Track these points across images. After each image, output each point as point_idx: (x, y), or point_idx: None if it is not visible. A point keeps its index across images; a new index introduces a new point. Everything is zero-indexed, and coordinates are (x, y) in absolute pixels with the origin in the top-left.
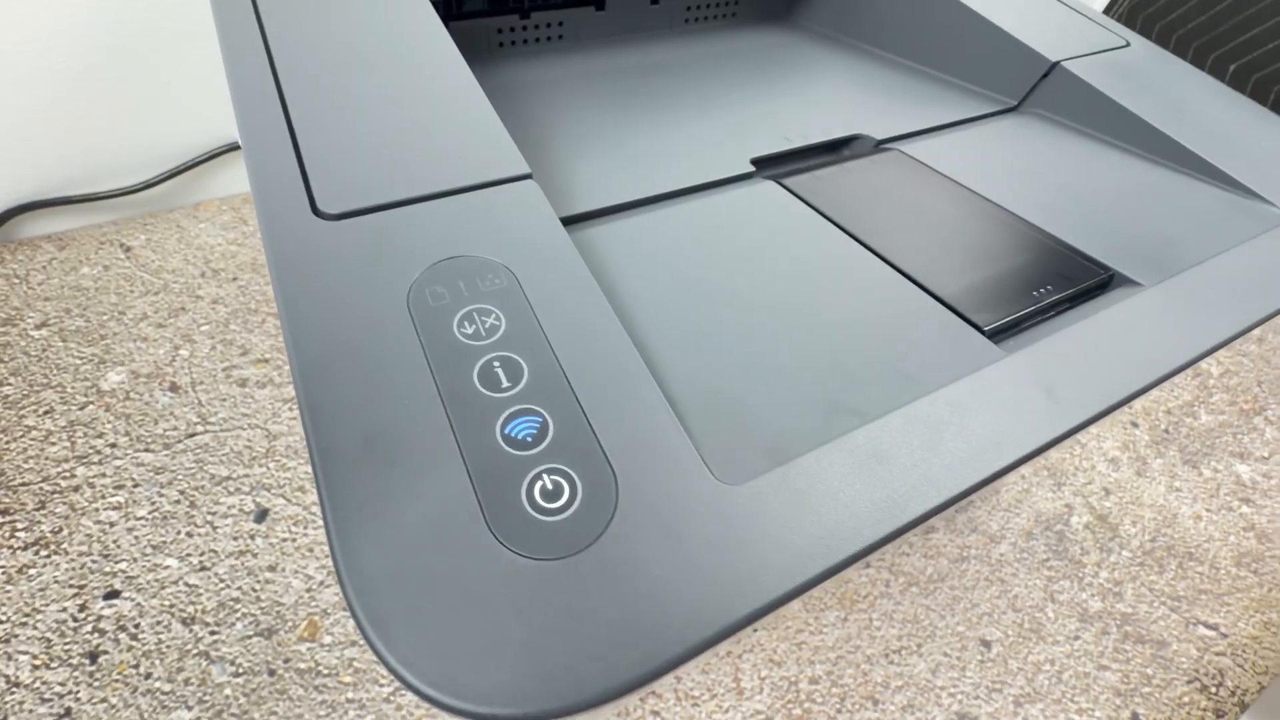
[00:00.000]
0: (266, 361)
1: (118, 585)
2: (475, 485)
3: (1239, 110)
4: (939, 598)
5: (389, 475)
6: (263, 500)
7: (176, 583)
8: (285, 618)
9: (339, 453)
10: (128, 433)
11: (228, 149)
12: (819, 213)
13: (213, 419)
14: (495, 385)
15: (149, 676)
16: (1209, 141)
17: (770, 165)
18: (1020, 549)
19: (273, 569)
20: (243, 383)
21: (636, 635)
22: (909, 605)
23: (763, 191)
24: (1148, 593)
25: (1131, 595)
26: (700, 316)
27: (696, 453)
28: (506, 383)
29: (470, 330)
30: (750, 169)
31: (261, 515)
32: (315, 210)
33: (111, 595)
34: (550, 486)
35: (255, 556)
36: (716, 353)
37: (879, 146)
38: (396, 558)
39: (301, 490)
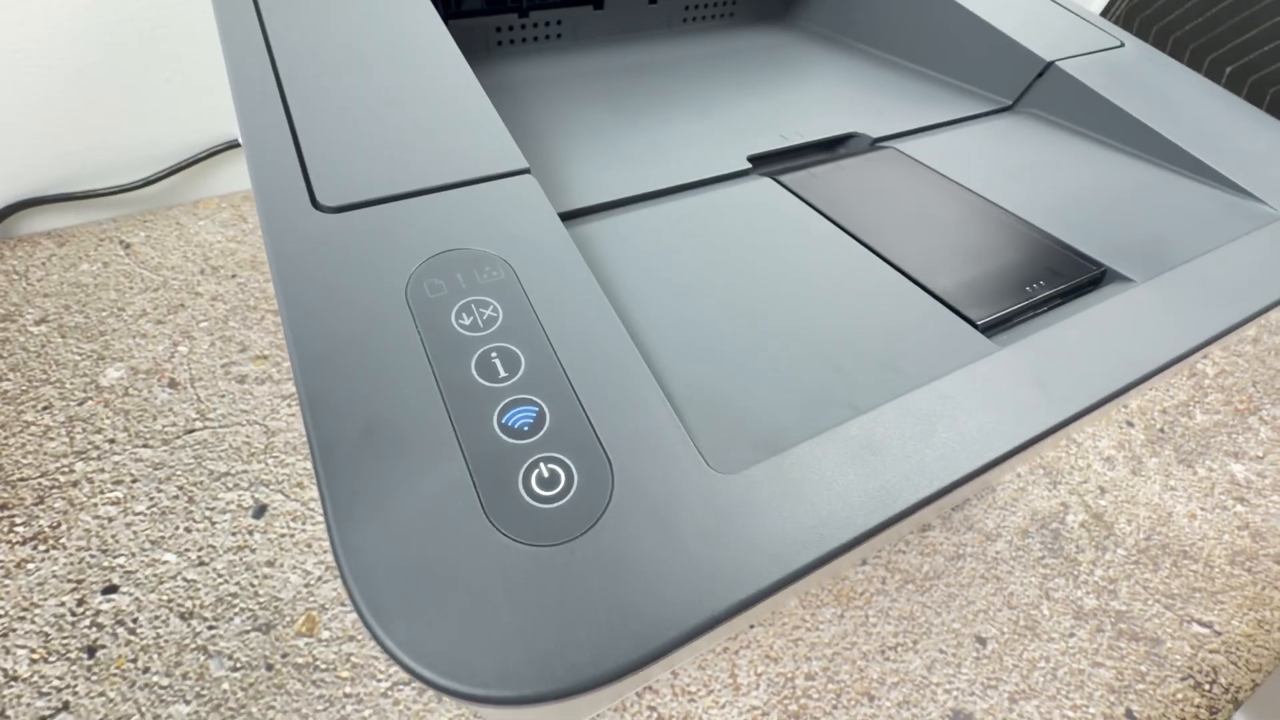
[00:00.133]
0: (265, 358)
1: (116, 580)
2: (473, 473)
3: (1231, 110)
4: (935, 595)
5: (388, 463)
6: (261, 496)
7: (175, 578)
8: (283, 613)
9: (339, 441)
10: (126, 428)
11: (227, 147)
12: (814, 209)
13: (211, 415)
14: (493, 375)
15: (147, 671)
16: (1201, 141)
17: (767, 162)
18: (1016, 547)
19: (271, 564)
20: (241, 379)
21: (630, 621)
22: (905, 602)
23: (759, 188)
24: (1142, 590)
25: (1126, 593)
26: (695, 310)
27: (691, 442)
28: (504, 373)
29: (468, 322)
30: (747, 166)
31: (260, 511)
32: (315, 204)
33: (110, 590)
34: (547, 475)
35: (253, 552)
36: (711, 345)
37: (875, 144)
38: (395, 543)
39: (300, 486)
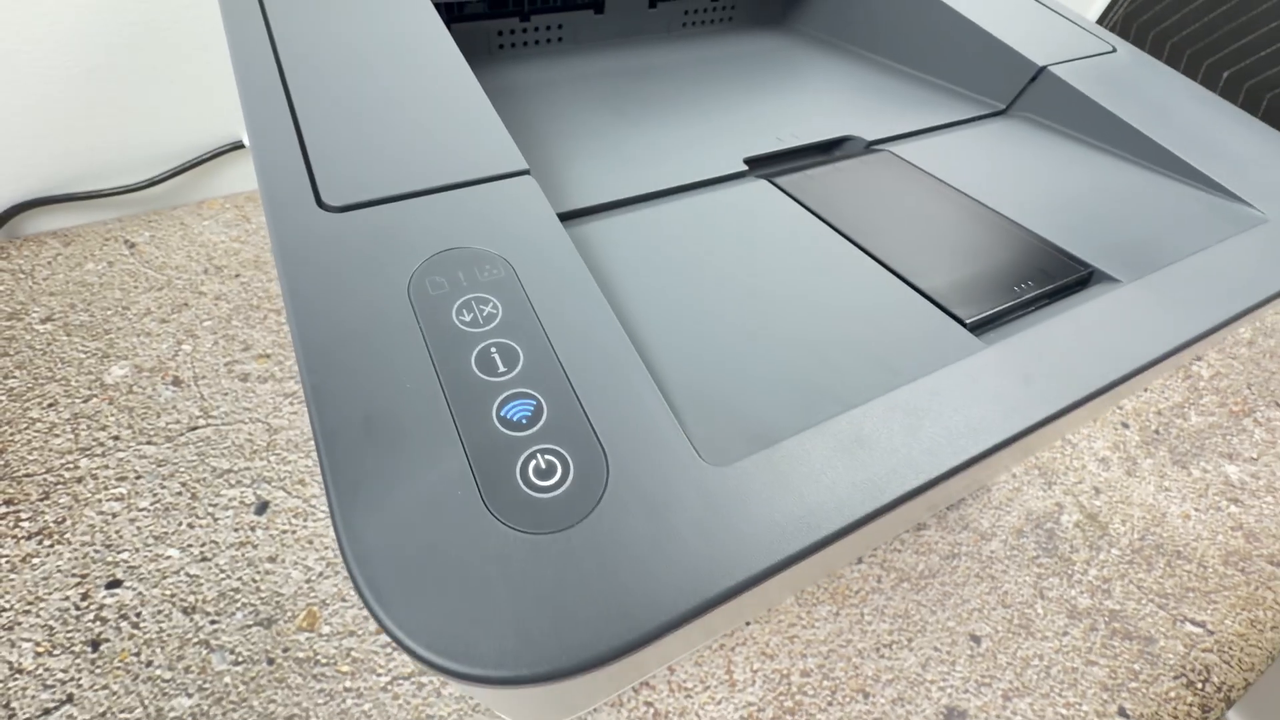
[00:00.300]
0: (268, 357)
1: (120, 575)
2: (472, 463)
3: (1220, 115)
4: (930, 593)
5: (390, 453)
6: (263, 493)
7: (178, 573)
8: (284, 608)
9: (342, 432)
10: (130, 425)
11: (231, 148)
12: (809, 210)
13: (214, 413)
14: (492, 370)
15: (150, 664)
16: (1190, 145)
17: (763, 165)
18: (1011, 546)
19: (272, 560)
20: (244, 377)
21: (623, 606)
22: (900, 600)
23: (754, 190)
24: (1136, 590)
25: (1120, 592)
26: (690, 308)
27: (684, 435)
28: (503, 368)
29: (469, 318)
30: (743, 168)
31: (262, 507)
32: (320, 203)
33: (113, 584)
34: (544, 465)
35: (255, 548)
36: (706, 342)
37: (870, 147)
38: (396, 530)
39: (302, 483)
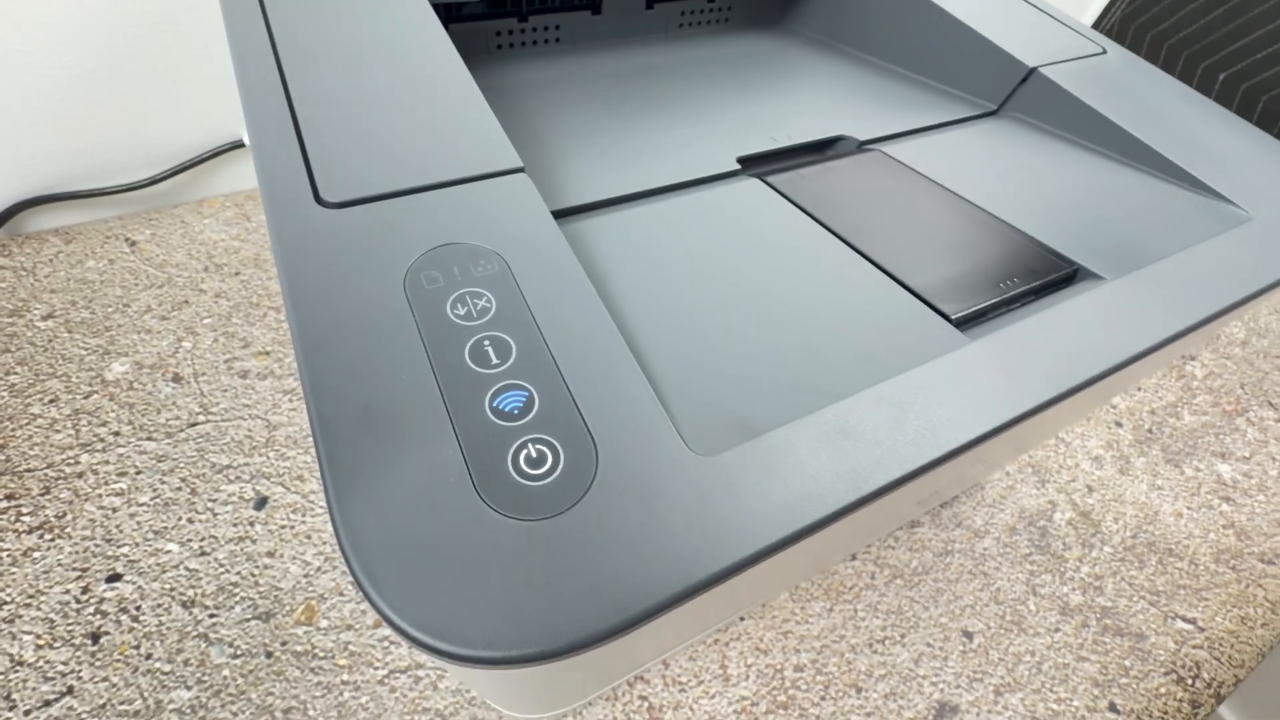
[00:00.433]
0: (267, 354)
1: (120, 569)
2: (465, 452)
3: (1208, 115)
4: (923, 590)
5: (385, 442)
6: (262, 488)
7: (177, 567)
8: (283, 602)
9: (338, 422)
10: (131, 421)
11: (232, 147)
12: (799, 208)
13: (214, 409)
14: (485, 362)
15: (149, 657)
16: (1177, 145)
17: (756, 164)
18: (1004, 543)
19: (271, 555)
20: (244, 374)
21: (610, 589)
22: (893, 597)
23: (747, 188)
24: (1128, 587)
25: (1112, 589)
26: (681, 303)
27: (673, 426)
28: (496, 360)
29: (463, 311)
30: (736, 167)
31: (261, 503)
32: (318, 199)
33: (113, 578)
34: (535, 455)
35: (254, 543)
36: (696, 336)
37: (862, 147)
38: (390, 516)
39: (300, 479)
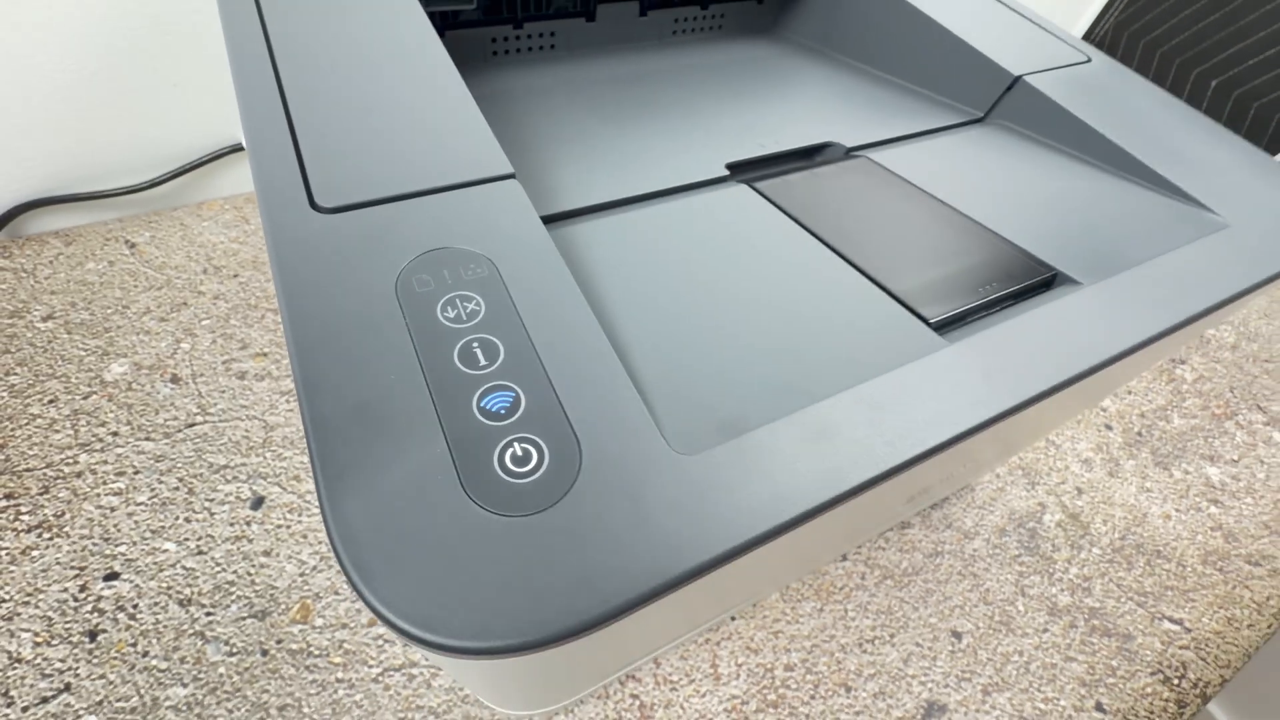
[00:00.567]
0: (265, 355)
1: (117, 567)
2: (452, 451)
3: (1189, 123)
4: (913, 590)
5: (375, 441)
6: (259, 488)
7: (174, 566)
8: (279, 601)
9: (330, 421)
10: (129, 422)
11: (231, 150)
12: (785, 213)
13: (212, 410)
14: (473, 363)
15: (146, 655)
16: (1157, 152)
17: (744, 170)
18: (993, 545)
19: (267, 554)
20: (241, 375)
21: (593, 583)
22: (883, 597)
23: (734, 194)
24: (1116, 588)
25: (1100, 590)
26: (667, 307)
27: (655, 426)
28: (484, 361)
29: (452, 314)
30: (725, 173)
31: (258, 503)
32: (313, 204)
33: (111, 577)
34: (520, 453)
35: (251, 542)
36: (681, 338)
37: (849, 153)
38: (379, 512)
39: (297, 479)
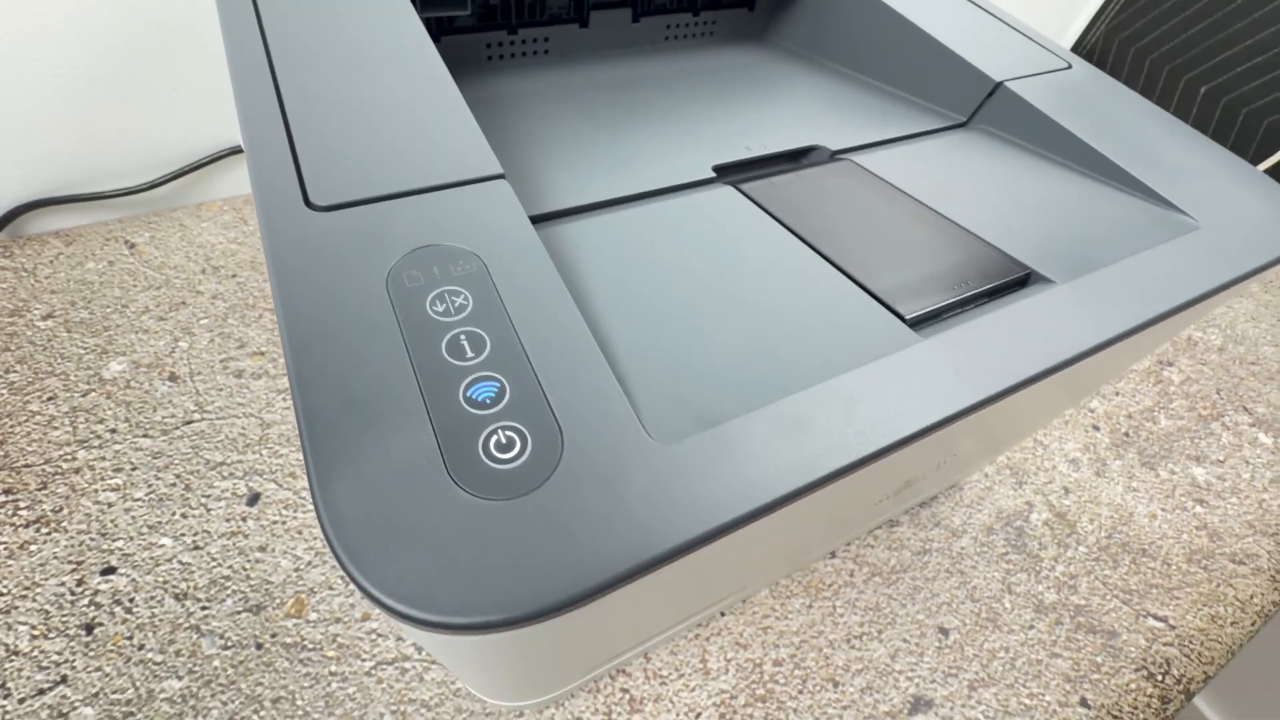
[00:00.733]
0: (262, 354)
1: (114, 562)
2: (439, 439)
3: (1165, 128)
4: (900, 587)
5: (365, 430)
6: (255, 485)
7: (170, 561)
8: (273, 595)
9: (322, 411)
10: (127, 419)
11: (230, 152)
12: (769, 214)
13: (209, 407)
14: (460, 355)
15: (142, 648)
16: (1134, 156)
17: (730, 172)
18: (981, 543)
19: (263, 549)
20: (239, 374)
21: (572, 563)
22: (872, 594)
23: (719, 195)
24: (1101, 586)
25: (1086, 588)
26: (650, 303)
27: (635, 416)
28: (471, 353)
29: (441, 308)
30: (711, 175)
31: (253, 499)
32: (308, 202)
33: (108, 571)
34: (504, 440)
35: (246, 537)
36: (662, 333)
37: (834, 157)
38: (368, 497)
39: (292, 476)
